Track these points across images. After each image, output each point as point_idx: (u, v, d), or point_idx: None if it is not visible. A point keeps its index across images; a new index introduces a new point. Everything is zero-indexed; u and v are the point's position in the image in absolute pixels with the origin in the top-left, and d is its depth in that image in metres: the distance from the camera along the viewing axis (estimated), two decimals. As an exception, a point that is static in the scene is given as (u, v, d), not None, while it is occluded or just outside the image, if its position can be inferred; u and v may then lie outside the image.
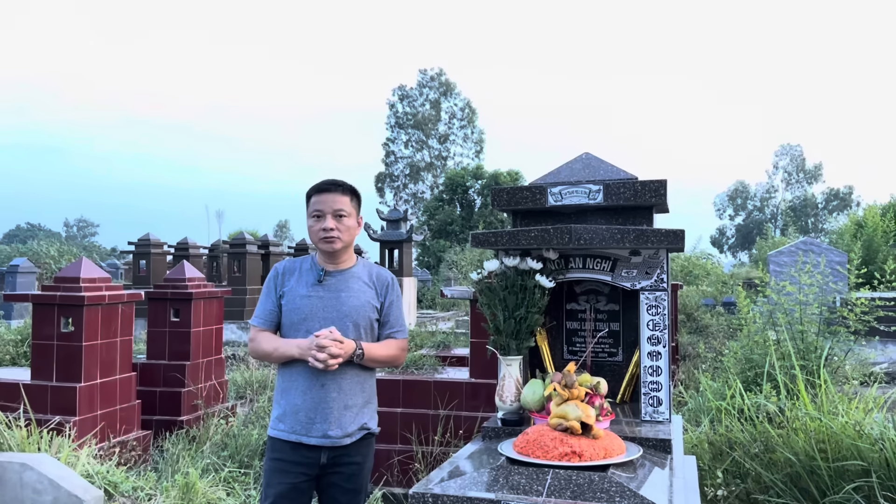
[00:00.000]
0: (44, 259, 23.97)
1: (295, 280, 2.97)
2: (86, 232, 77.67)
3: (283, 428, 2.87)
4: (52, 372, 5.54)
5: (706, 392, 5.37)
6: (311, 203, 2.96)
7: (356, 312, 2.91)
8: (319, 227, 2.91)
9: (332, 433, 2.83)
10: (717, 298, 17.15)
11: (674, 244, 2.60)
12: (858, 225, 23.48)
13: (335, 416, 2.84)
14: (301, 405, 2.85)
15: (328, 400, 2.83)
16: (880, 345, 9.23)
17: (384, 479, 5.39)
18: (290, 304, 2.93)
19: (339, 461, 2.88)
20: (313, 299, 2.91)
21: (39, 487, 3.24)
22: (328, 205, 2.91)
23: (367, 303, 2.95)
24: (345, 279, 2.96)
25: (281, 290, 2.97)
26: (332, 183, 2.97)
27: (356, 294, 2.94)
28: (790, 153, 63.84)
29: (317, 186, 2.97)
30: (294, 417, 2.85)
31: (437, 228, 33.55)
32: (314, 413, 2.83)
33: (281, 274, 3.01)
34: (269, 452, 2.92)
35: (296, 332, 2.90)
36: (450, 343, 7.89)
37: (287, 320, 2.94)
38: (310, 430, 2.83)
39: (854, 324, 6.37)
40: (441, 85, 51.75)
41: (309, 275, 2.97)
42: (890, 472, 3.57)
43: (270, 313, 2.97)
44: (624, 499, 1.94)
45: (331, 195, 2.93)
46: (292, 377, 2.89)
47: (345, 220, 2.94)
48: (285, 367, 2.92)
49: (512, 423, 2.69)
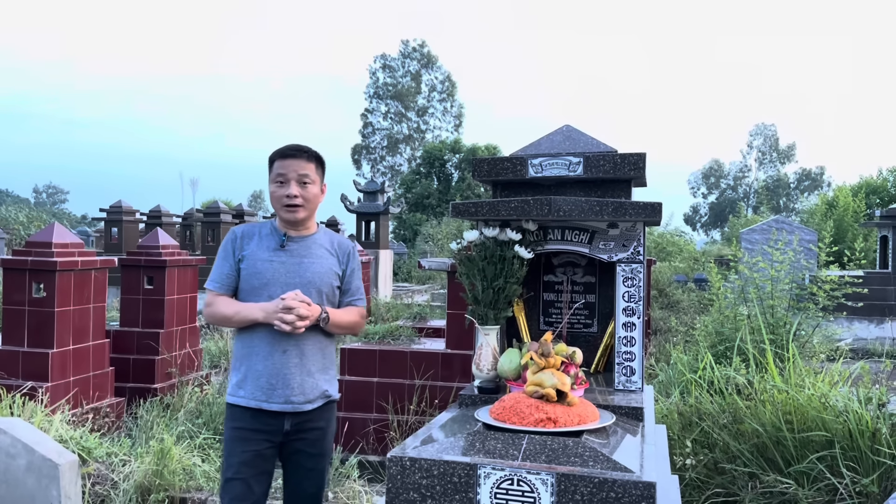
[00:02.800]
0: (13, 225, 23.57)
1: (255, 244, 2.88)
2: (55, 199, 76.38)
3: (244, 395, 2.80)
4: (24, 337, 5.48)
5: (677, 365, 5.47)
6: (275, 168, 2.86)
7: (319, 279, 2.87)
8: (283, 194, 2.82)
9: (295, 398, 2.79)
10: (689, 275, 17.42)
11: (651, 217, 2.64)
12: (829, 205, 23.89)
13: (297, 381, 2.80)
14: (262, 371, 2.79)
15: (290, 365, 2.79)
16: (846, 322, 9.45)
17: (360, 447, 5.44)
18: (250, 268, 2.84)
19: (303, 427, 2.85)
20: (275, 264, 2.83)
21: (13, 451, 3.22)
22: (292, 170, 2.83)
23: (329, 270, 2.91)
24: (307, 245, 2.91)
25: (240, 253, 2.87)
26: (296, 148, 2.88)
27: (318, 260, 2.89)
28: (764, 133, 64.40)
29: (280, 151, 2.88)
30: (255, 383, 2.79)
31: (413, 202, 33.46)
32: (275, 379, 2.78)
33: (240, 237, 2.91)
34: (230, 421, 2.84)
35: (256, 297, 2.82)
36: (426, 315, 7.93)
37: (247, 285, 2.85)
38: (270, 395, 2.77)
39: (822, 300, 6.51)
40: (423, 57, 51.28)
41: (270, 239, 2.89)
42: (853, 442, 3.68)
43: (228, 277, 2.88)
44: (597, 463, 1.99)
45: (295, 161, 2.84)
46: (252, 342, 2.82)
47: (309, 187, 2.86)
48: (245, 332, 2.85)
49: (488, 391, 2.73)
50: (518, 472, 1.98)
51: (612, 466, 1.97)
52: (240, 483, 2.76)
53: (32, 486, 3.22)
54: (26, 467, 3.22)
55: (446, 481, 2.02)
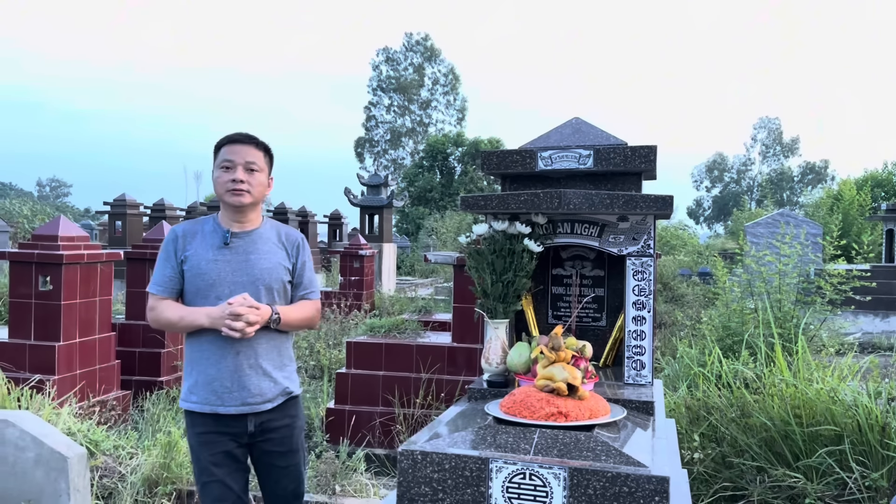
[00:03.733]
0: (17, 218, 23.61)
1: (198, 243, 2.76)
2: (58, 192, 76.45)
3: (196, 400, 2.71)
4: (31, 331, 5.48)
5: (684, 358, 5.45)
6: (221, 153, 2.76)
7: (268, 275, 2.76)
8: (228, 178, 2.71)
9: (251, 400, 2.70)
10: (693, 269, 17.39)
11: (662, 210, 2.62)
12: (834, 198, 23.80)
13: (254, 383, 2.70)
14: (216, 375, 2.68)
15: (243, 367, 2.69)
16: (852, 316, 9.44)
17: (366, 441, 5.44)
18: (194, 269, 2.72)
19: (268, 427, 2.77)
20: (220, 263, 2.72)
21: (22, 444, 3.23)
22: (240, 156, 2.73)
23: (278, 264, 2.80)
24: (252, 240, 2.79)
25: (182, 254, 2.75)
26: (245, 136, 2.80)
27: (266, 256, 2.78)
28: (768, 126, 64.17)
29: (229, 137, 2.78)
30: (208, 388, 2.69)
31: (416, 195, 33.44)
32: (230, 382, 2.68)
33: (181, 237, 2.78)
34: (191, 428, 2.75)
35: (203, 299, 2.71)
36: (431, 308, 7.93)
37: (192, 287, 2.74)
38: (225, 399, 2.68)
39: (830, 294, 6.49)
40: (426, 50, 51.13)
41: (213, 237, 2.77)
42: (862, 436, 3.67)
43: (171, 280, 2.76)
44: (609, 457, 1.98)
45: (244, 147, 2.75)
46: (202, 347, 2.71)
47: (256, 174, 2.76)
48: (194, 336, 2.73)
49: (498, 385, 2.72)
50: (530, 466, 1.97)
51: (624, 461, 1.96)
52: (217, 485, 2.70)
53: (41, 478, 3.23)
54: (35, 460, 3.23)
55: (458, 475, 2.01)
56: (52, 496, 3.22)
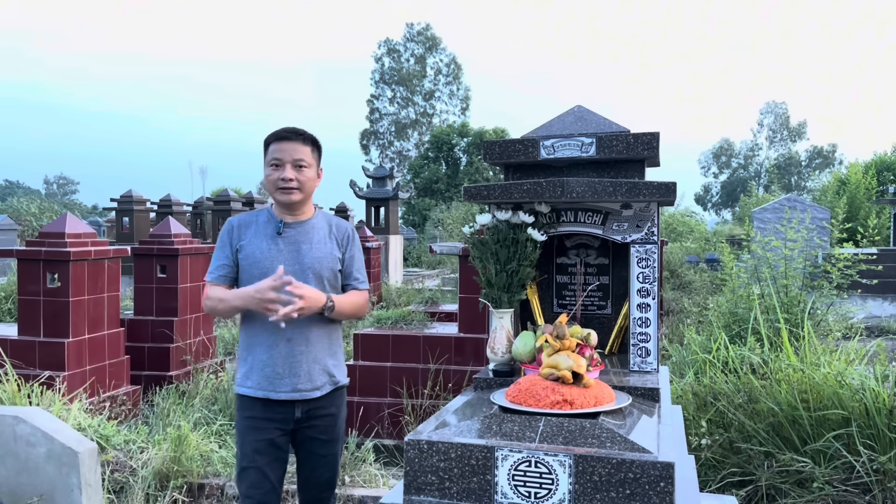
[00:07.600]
0: (24, 216, 23.71)
1: (252, 233, 2.85)
2: (66, 189, 76.71)
3: (251, 385, 2.80)
4: (40, 327, 5.52)
5: (691, 345, 5.45)
6: (270, 151, 2.82)
7: (318, 264, 2.83)
8: (278, 177, 2.79)
9: (302, 386, 2.78)
10: (701, 255, 17.35)
11: (665, 197, 2.61)
12: (841, 182, 23.68)
13: (304, 370, 2.78)
14: (268, 360, 2.77)
15: (296, 354, 2.77)
16: (860, 300, 9.41)
17: (375, 431, 5.46)
18: (248, 258, 2.81)
19: (314, 414, 2.85)
20: (273, 252, 2.80)
21: (33, 440, 3.26)
22: (288, 154, 2.79)
23: (329, 254, 2.87)
24: (304, 231, 2.87)
25: (237, 243, 2.84)
26: (292, 131, 2.84)
27: (317, 246, 2.86)
28: (775, 111, 63.77)
29: (276, 134, 2.83)
30: (261, 373, 2.78)
31: (422, 186, 33.43)
32: (282, 368, 2.76)
33: (237, 227, 2.88)
34: (241, 411, 2.83)
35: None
36: (437, 299, 7.94)
37: (246, 275, 2.81)
38: (277, 385, 2.76)
39: (837, 278, 6.47)
40: (427, 40, 50.98)
41: (267, 227, 2.86)
42: (870, 420, 3.67)
43: (224, 268, 2.85)
44: (615, 444, 1.99)
45: (291, 144, 2.80)
46: (255, 332, 2.81)
47: (305, 170, 2.82)
48: (247, 322, 2.83)
49: (503, 374, 2.73)
50: (536, 454, 1.98)
51: (629, 447, 1.96)
52: (255, 471, 2.78)
53: (53, 473, 3.26)
54: (46, 455, 3.26)
55: (464, 464, 2.03)
56: (63, 491, 3.25)
